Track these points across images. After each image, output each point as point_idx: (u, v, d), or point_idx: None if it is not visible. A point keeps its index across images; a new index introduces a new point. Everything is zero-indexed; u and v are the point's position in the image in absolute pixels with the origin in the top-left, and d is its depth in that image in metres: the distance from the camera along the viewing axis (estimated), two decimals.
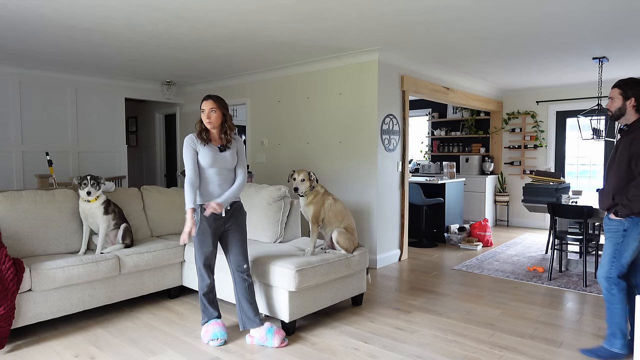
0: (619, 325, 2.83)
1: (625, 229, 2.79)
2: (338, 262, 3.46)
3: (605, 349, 2.87)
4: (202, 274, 3.12)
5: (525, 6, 3.58)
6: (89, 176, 3.58)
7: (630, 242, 2.78)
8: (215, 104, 3.06)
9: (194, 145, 3.04)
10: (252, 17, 3.87)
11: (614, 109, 2.88)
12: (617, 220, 2.83)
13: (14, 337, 3.13)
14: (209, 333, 3.07)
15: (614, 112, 2.89)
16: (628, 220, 2.77)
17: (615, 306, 2.84)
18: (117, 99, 7.00)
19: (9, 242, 3.34)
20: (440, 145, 8.86)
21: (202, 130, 3.07)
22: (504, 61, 5.56)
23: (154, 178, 8.75)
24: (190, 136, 3.07)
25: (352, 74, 5.27)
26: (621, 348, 2.82)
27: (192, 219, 2.96)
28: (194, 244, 3.09)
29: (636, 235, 2.77)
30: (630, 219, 2.77)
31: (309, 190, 3.57)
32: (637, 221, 2.75)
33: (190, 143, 3.05)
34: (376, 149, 5.11)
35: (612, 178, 2.86)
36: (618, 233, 2.83)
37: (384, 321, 3.49)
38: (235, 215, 3.14)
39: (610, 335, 2.86)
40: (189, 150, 3.03)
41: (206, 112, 3.03)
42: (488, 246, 6.31)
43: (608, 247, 2.88)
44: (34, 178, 5.98)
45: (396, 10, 3.67)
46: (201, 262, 3.09)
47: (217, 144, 3.09)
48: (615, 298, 2.83)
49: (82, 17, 3.87)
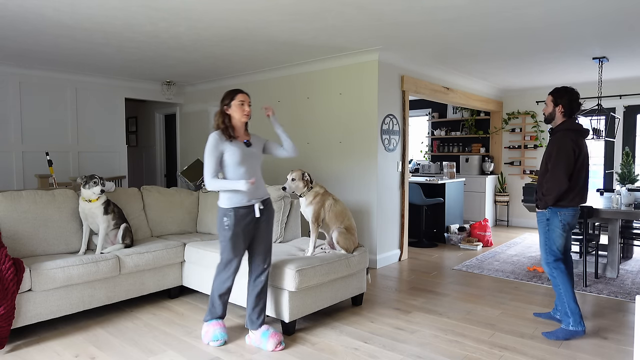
0: (567, 304, 3.15)
1: (548, 219, 3.24)
2: (338, 262, 3.46)
3: (563, 329, 3.16)
4: (228, 277, 3.00)
5: (525, 6, 3.58)
6: (96, 175, 3.60)
7: (555, 229, 3.21)
8: (249, 98, 3.00)
9: (221, 145, 2.88)
10: (252, 17, 3.87)
11: (547, 114, 3.30)
12: (541, 212, 3.27)
13: (14, 337, 3.13)
14: (209, 334, 3.04)
15: (547, 116, 3.31)
16: (549, 210, 3.22)
17: (559, 287, 3.20)
18: (117, 99, 7.00)
19: (9, 242, 3.34)
20: (440, 145, 8.86)
21: (228, 127, 2.92)
22: (504, 61, 5.56)
23: (154, 178, 8.75)
24: (216, 134, 2.89)
25: (352, 74, 5.27)
26: (574, 325, 3.12)
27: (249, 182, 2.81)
28: (225, 248, 2.95)
29: (557, 223, 3.19)
30: (550, 209, 3.21)
31: (305, 190, 3.57)
32: (556, 211, 3.20)
33: (217, 144, 2.86)
34: (376, 149, 5.11)
35: (539, 176, 3.31)
36: (543, 223, 3.27)
37: (384, 321, 3.49)
38: (268, 212, 3.06)
39: (564, 315, 3.18)
40: (216, 151, 2.86)
41: (246, 104, 2.94)
42: (488, 246, 6.31)
43: (540, 237, 3.31)
44: (34, 178, 5.98)
45: (396, 10, 3.67)
46: (231, 266, 2.98)
47: (242, 139, 2.98)
48: (558, 280, 3.20)
49: (82, 17, 3.87)
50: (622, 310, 3.74)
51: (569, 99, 3.19)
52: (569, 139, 3.14)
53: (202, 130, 7.47)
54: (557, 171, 3.12)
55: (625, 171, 5.73)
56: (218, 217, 2.97)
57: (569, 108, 3.20)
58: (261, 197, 3.02)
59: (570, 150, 3.12)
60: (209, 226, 4.48)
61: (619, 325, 3.42)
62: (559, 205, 3.18)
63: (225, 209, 2.91)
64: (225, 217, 2.90)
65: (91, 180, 3.56)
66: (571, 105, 3.20)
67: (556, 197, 3.14)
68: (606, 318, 3.56)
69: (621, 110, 7.13)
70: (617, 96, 7.07)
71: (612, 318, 3.56)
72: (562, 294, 3.19)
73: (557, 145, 3.16)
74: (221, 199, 2.95)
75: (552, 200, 3.15)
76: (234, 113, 2.94)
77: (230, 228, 2.89)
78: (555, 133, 3.23)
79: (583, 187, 3.23)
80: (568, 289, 3.17)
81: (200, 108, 7.45)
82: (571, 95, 3.21)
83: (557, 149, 3.14)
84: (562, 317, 3.19)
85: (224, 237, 2.93)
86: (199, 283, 3.86)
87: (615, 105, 7.14)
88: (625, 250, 5.62)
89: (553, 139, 3.23)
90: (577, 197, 3.19)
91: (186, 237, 4.26)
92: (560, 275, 3.20)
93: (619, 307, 3.82)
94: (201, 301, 3.94)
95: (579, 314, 3.14)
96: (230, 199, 2.90)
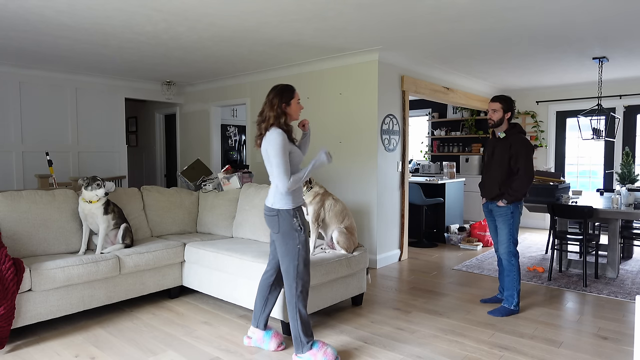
0: (516, 287, 3.61)
1: (512, 212, 3.61)
2: (338, 262, 3.46)
3: (505, 307, 3.64)
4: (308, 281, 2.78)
5: (525, 6, 3.58)
6: (98, 177, 3.60)
7: (517, 220, 3.64)
8: None
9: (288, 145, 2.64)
10: (252, 17, 3.87)
11: (497, 119, 3.64)
12: (505, 207, 3.60)
13: (14, 337, 3.13)
14: (328, 352, 2.70)
15: (496, 121, 3.65)
16: (512, 205, 3.60)
17: (514, 273, 3.62)
18: (117, 99, 7.00)
19: (9, 242, 3.34)
20: (440, 145, 8.86)
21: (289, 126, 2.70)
22: (504, 61, 5.56)
23: (154, 178, 8.75)
24: (283, 133, 2.63)
25: (352, 74, 5.27)
26: (516, 306, 3.63)
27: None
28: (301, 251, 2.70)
29: (518, 215, 3.64)
30: (514, 203, 3.60)
31: (305, 190, 3.56)
32: (517, 204, 3.62)
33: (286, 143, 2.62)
34: (376, 149, 5.11)
35: (495, 174, 3.64)
36: (507, 216, 3.61)
37: (384, 321, 3.49)
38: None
39: (509, 297, 3.64)
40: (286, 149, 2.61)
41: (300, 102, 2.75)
42: (488, 246, 6.31)
43: (503, 229, 3.64)
44: (34, 178, 5.98)
45: (396, 10, 3.67)
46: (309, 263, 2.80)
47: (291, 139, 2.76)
48: (515, 267, 3.62)
49: (82, 17, 3.87)
50: (622, 310, 3.73)
51: (513, 108, 3.69)
52: (529, 142, 3.61)
53: (202, 130, 7.48)
54: (530, 170, 3.53)
55: (625, 171, 5.73)
56: (283, 222, 2.69)
57: (512, 114, 3.69)
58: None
59: (533, 151, 3.62)
60: (209, 226, 4.48)
61: (619, 325, 3.42)
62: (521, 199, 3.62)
63: (292, 210, 2.69)
64: (294, 219, 2.69)
65: (94, 182, 3.56)
66: (514, 110, 3.70)
67: (525, 193, 3.57)
68: (606, 318, 3.56)
69: (621, 110, 7.12)
70: (617, 96, 7.07)
71: (612, 318, 3.56)
72: (515, 280, 3.62)
73: (525, 146, 3.56)
74: (283, 201, 2.69)
75: (522, 195, 3.56)
76: (292, 112, 2.71)
77: (303, 228, 2.71)
78: (513, 135, 3.61)
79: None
80: (519, 277, 3.65)
81: (200, 108, 7.45)
82: (514, 104, 3.73)
83: (527, 151, 3.55)
84: (507, 297, 3.64)
85: (298, 240, 2.69)
86: (199, 283, 3.86)
87: (615, 105, 7.14)
88: (625, 250, 5.62)
89: (514, 140, 3.58)
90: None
91: (186, 237, 4.26)
92: (517, 263, 3.64)
93: (619, 307, 3.82)
94: (201, 301, 3.94)
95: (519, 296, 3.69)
96: (294, 200, 2.71)
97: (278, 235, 2.73)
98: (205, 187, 4.74)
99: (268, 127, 2.67)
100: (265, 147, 2.67)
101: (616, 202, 4.60)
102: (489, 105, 3.69)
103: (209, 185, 4.73)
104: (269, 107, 2.69)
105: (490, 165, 3.72)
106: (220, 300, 3.93)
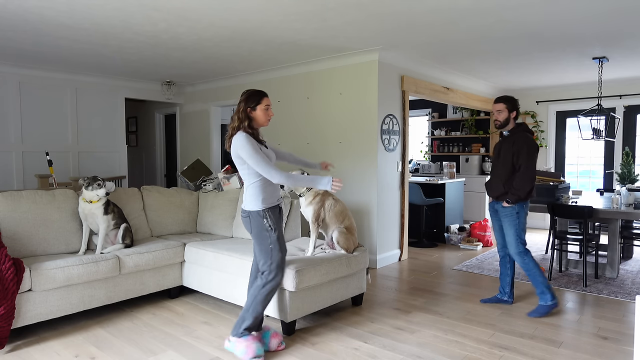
0: (542, 283, 3.54)
1: (517, 212, 3.58)
2: (338, 262, 3.46)
3: (542, 305, 3.55)
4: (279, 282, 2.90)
5: (525, 6, 3.58)
6: (99, 177, 3.60)
7: (523, 220, 3.60)
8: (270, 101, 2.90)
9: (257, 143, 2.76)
10: (252, 17, 3.87)
11: (502, 119, 3.66)
12: (510, 207, 3.58)
13: (14, 337, 3.13)
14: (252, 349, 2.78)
15: (502, 122, 3.67)
16: (517, 205, 3.56)
17: (533, 270, 3.55)
18: (117, 99, 7.00)
19: (9, 242, 3.34)
20: (440, 145, 8.86)
21: (254, 130, 2.81)
22: (504, 61, 5.56)
23: (154, 178, 8.75)
24: (247, 135, 2.74)
25: (352, 74, 5.27)
26: (552, 299, 3.54)
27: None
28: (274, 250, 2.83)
29: (524, 215, 3.59)
30: (519, 203, 3.57)
31: (304, 190, 3.57)
32: (522, 204, 3.58)
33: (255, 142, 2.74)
34: (376, 149, 5.11)
35: (500, 172, 3.64)
36: (513, 216, 3.58)
37: (384, 321, 3.49)
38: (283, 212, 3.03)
39: (541, 294, 3.56)
40: (257, 147, 2.73)
41: (270, 109, 2.84)
42: (488, 246, 6.31)
43: (509, 230, 3.61)
44: (34, 178, 5.98)
45: (396, 10, 3.67)
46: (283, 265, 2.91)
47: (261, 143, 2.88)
48: (530, 264, 3.56)
49: (82, 17, 3.87)
50: (622, 310, 3.74)
51: (517, 107, 3.69)
52: (532, 141, 3.58)
53: (202, 130, 7.48)
54: (531, 168, 3.52)
55: (625, 171, 5.73)
56: (254, 223, 2.81)
57: (517, 113, 3.70)
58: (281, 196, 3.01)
59: (536, 150, 3.58)
60: (209, 226, 4.48)
61: (619, 325, 3.42)
62: (526, 198, 3.57)
63: (261, 212, 2.80)
64: (264, 220, 2.80)
65: (95, 182, 3.56)
66: (518, 109, 3.71)
67: (528, 192, 3.52)
68: (606, 318, 3.56)
69: (621, 110, 7.13)
70: (617, 96, 7.07)
71: (612, 318, 3.56)
72: (537, 276, 3.56)
73: (527, 145, 3.53)
74: (253, 202, 2.80)
75: (525, 194, 3.52)
76: (258, 117, 2.82)
77: (275, 228, 2.81)
78: (516, 134, 3.63)
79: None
80: (539, 271, 3.58)
81: (200, 108, 7.45)
82: (517, 102, 3.71)
83: (528, 149, 3.52)
84: (540, 295, 3.57)
85: (270, 240, 2.81)
86: (199, 283, 3.86)
87: (615, 105, 7.14)
88: (625, 250, 5.62)
89: (516, 138, 3.60)
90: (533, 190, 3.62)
91: (186, 237, 4.26)
92: (531, 260, 3.58)
93: (619, 307, 3.82)
94: (201, 301, 3.94)
95: (551, 289, 3.58)
96: (265, 200, 2.80)
97: (252, 236, 2.88)
98: (205, 187, 4.74)
99: (234, 131, 2.79)
100: (236, 151, 2.76)
101: (616, 202, 4.60)
102: (493, 107, 3.71)
103: (209, 185, 4.73)
104: (236, 110, 2.84)
105: (496, 165, 3.74)
106: (220, 300, 3.93)
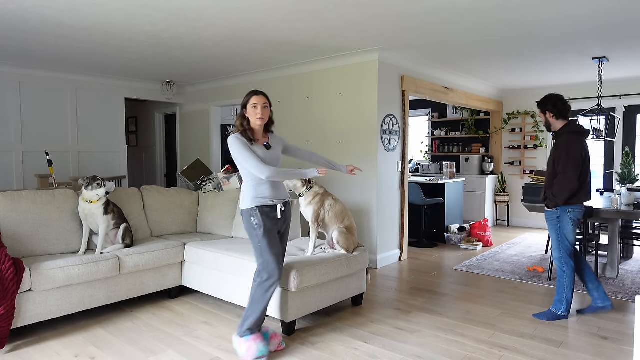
0: (566, 295, 3.50)
1: (558, 217, 3.50)
2: (338, 262, 3.46)
3: (552, 311, 3.53)
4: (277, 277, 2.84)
5: (525, 6, 3.58)
6: (98, 177, 3.60)
7: (566, 226, 3.48)
8: (267, 100, 2.87)
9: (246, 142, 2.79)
10: (252, 17, 3.87)
11: (545, 124, 3.60)
12: (551, 211, 3.53)
13: (14, 337, 3.13)
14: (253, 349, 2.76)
15: (545, 126, 3.60)
16: (558, 209, 3.48)
17: (565, 280, 3.50)
18: (117, 99, 7.00)
19: (9, 242, 3.34)
20: (440, 145, 8.86)
21: (247, 130, 2.83)
22: (504, 61, 5.56)
23: (154, 178, 8.75)
24: (236, 136, 2.80)
25: (352, 74, 5.27)
26: (564, 312, 3.50)
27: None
28: (263, 248, 2.81)
29: (568, 220, 3.47)
30: (560, 208, 3.47)
31: (304, 190, 3.57)
32: (565, 209, 3.47)
33: (243, 141, 2.77)
34: (376, 149, 5.11)
35: (547, 177, 3.57)
36: (554, 221, 3.53)
37: (384, 321, 3.49)
38: (288, 215, 3.00)
39: (558, 302, 3.52)
40: (245, 145, 2.76)
41: (259, 107, 2.81)
42: (488, 246, 6.31)
43: (552, 234, 3.56)
44: (34, 178, 5.98)
45: (396, 10, 3.67)
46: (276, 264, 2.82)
47: (261, 142, 2.89)
48: (566, 274, 3.50)
49: (82, 17, 3.87)
50: (622, 310, 3.73)
51: (552, 103, 3.49)
52: (576, 142, 3.42)
53: (202, 130, 7.48)
54: (568, 173, 3.38)
55: (625, 171, 5.73)
56: (244, 222, 2.86)
57: (557, 110, 3.48)
58: (283, 198, 2.96)
59: (579, 153, 3.40)
60: (209, 226, 4.48)
61: (619, 325, 3.42)
62: (568, 203, 3.45)
63: (249, 210, 2.82)
64: (252, 218, 2.82)
65: (94, 182, 3.56)
66: (556, 106, 3.48)
67: (567, 197, 3.41)
68: (606, 318, 3.56)
69: (621, 110, 7.13)
70: (617, 96, 7.07)
71: (612, 318, 3.56)
72: (566, 285, 3.50)
73: (566, 148, 3.40)
74: (244, 200, 2.85)
75: (563, 200, 3.42)
76: (249, 116, 2.85)
77: (261, 225, 2.81)
78: (560, 136, 3.48)
79: (589, 184, 3.52)
80: (572, 282, 3.51)
81: (200, 108, 7.45)
82: (552, 99, 3.51)
83: (567, 152, 3.39)
84: (556, 302, 3.53)
85: (258, 238, 2.82)
86: (199, 283, 3.86)
87: (615, 105, 7.14)
88: (625, 250, 5.62)
89: (558, 142, 3.47)
90: (584, 195, 3.48)
91: (186, 237, 4.26)
92: (569, 270, 3.50)
93: (619, 307, 3.82)
94: (201, 301, 3.94)
95: (570, 304, 3.53)
96: (254, 199, 2.83)
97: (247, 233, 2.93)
98: (205, 187, 4.74)
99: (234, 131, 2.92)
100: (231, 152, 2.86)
101: (616, 202, 4.60)
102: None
103: (209, 185, 4.73)
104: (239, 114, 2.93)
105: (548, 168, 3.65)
106: (220, 300, 3.93)
